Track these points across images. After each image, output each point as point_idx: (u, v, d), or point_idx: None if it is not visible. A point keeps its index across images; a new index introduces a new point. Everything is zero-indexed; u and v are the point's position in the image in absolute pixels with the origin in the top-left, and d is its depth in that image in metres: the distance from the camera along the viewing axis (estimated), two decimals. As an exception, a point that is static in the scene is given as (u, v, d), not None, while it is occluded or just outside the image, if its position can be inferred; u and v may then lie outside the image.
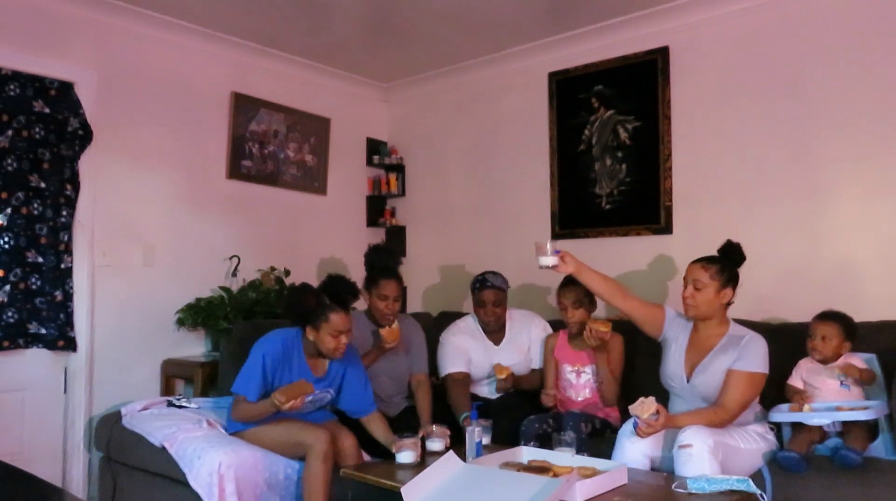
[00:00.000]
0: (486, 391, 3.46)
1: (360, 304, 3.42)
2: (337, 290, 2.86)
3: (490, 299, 3.39)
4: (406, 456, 2.59)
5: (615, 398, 3.11)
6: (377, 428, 2.93)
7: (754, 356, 2.61)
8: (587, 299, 3.18)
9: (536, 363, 3.43)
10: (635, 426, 2.45)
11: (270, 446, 2.83)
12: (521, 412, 3.08)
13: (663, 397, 2.78)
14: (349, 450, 2.80)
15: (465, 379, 3.33)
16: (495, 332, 3.48)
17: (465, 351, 3.39)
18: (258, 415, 2.79)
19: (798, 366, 2.87)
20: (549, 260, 2.83)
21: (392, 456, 2.66)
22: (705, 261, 2.74)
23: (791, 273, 3.46)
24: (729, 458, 2.40)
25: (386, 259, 3.36)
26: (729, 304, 2.76)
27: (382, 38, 4.26)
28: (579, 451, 2.61)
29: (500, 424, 3.01)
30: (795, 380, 2.85)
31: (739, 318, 2.87)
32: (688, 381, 2.73)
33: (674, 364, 2.79)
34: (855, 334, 2.80)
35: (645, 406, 2.39)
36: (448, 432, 2.78)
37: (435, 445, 2.71)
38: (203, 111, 4.15)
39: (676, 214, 3.84)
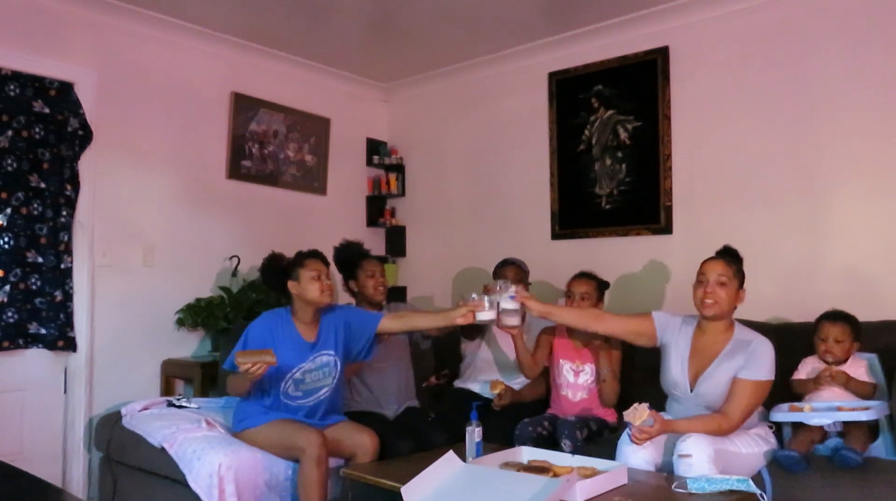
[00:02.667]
0: (486, 388, 3.46)
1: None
2: (309, 251, 2.97)
3: (510, 275, 3.46)
4: (486, 315, 2.69)
5: (615, 399, 3.09)
6: (411, 317, 3.01)
7: (762, 364, 2.51)
8: (597, 293, 3.17)
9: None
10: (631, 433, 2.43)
11: (266, 448, 2.81)
12: (521, 412, 3.08)
13: (661, 401, 2.76)
14: (366, 447, 2.78)
15: None
16: None
17: None
18: (240, 385, 2.76)
19: (804, 362, 2.86)
20: (509, 304, 2.71)
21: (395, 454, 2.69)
22: (728, 258, 2.62)
23: (792, 273, 3.46)
24: (730, 464, 2.38)
25: (356, 249, 3.42)
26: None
27: (382, 38, 4.26)
28: None
29: (499, 424, 3.01)
30: (801, 377, 2.84)
31: (740, 318, 2.85)
32: (691, 389, 2.63)
33: (676, 371, 2.67)
34: (861, 333, 2.80)
35: (638, 413, 2.35)
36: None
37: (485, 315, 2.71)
38: (203, 111, 4.15)
39: (676, 214, 3.84)
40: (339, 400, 3.04)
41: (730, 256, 2.66)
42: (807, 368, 2.85)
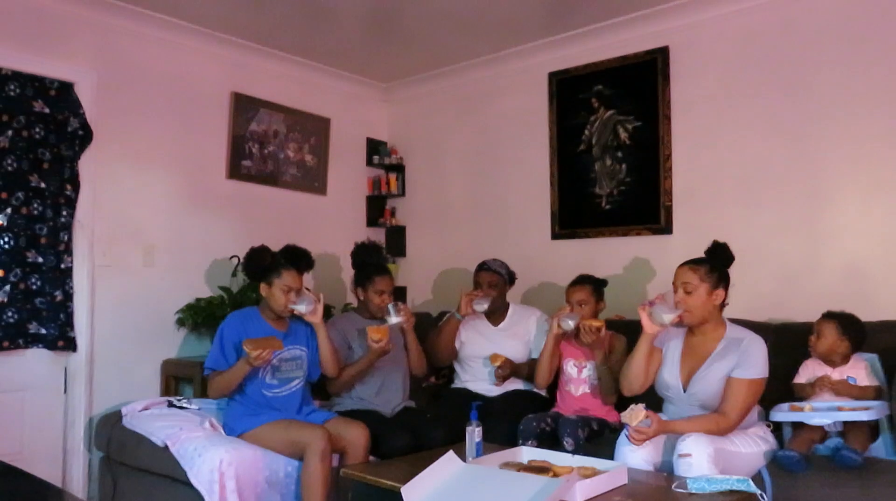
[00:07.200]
0: (485, 387, 3.47)
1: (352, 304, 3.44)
2: (293, 254, 3.08)
3: (484, 279, 3.55)
4: (395, 320, 3.13)
5: (613, 397, 3.10)
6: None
7: (755, 362, 2.51)
8: (594, 297, 3.21)
9: (536, 353, 3.45)
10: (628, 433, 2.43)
11: (270, 446, 2.84)
12: (520, 412, 3.08)
13: (659, 400, 2.75)
14: (357, 441, 2.84)
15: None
16: (494, 315, 3.58)
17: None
18: (234, 378, 2.87)
19: (805, 365, 2.86)
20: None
21: (393, 455, 2.73)
22: (693, 263, 2.64)
23: (792, 273, 3.46)
24: (730, 464, 2.37)
25: (376, 257, 3.46)
26: (723, 305, 2.66)
27: (382, 38, 4.26)
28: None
29: (498, 423, 3.01)
30: (801, 380, 2.84)
31: (740, 318, 2.85)
32: (684, 390, 2.63)
33: (668, 373, 2.68)
34: (858, 334, 2.78)
35: (634, 414, 2.35)
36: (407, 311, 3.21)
37: (393, 319, 3.14)
38: (203, 111, 4.15)
39: (676, 214, 3.84)
40: (310, 396, 3.17)
41: (699, 260, 2.65)
42: (807, 372, 2.84)
